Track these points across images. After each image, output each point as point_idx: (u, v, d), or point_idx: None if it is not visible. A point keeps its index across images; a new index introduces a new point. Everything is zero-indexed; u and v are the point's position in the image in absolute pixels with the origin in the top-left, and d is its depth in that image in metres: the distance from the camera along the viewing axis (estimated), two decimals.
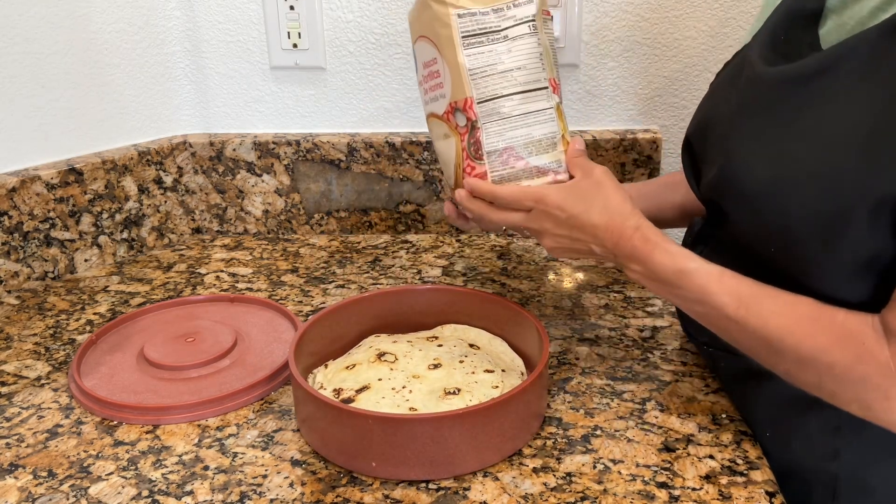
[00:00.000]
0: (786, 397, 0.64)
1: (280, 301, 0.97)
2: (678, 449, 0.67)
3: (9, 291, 0.99)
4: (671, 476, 0.63)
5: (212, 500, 0.62)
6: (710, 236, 0.72)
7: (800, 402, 0.63)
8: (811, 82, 0.58)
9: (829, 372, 0.56)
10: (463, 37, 0.71)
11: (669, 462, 0.65)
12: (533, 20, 0.72)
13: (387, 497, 0.62)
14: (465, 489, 0.62)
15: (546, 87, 0.73)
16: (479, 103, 0.72)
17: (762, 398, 0.68)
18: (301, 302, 0.97)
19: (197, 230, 1.20)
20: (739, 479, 0.63)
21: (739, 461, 0.65)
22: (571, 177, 0.72)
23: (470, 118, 0.72)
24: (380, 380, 0.70)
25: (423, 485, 0.63)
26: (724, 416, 0.71)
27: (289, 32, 1.12)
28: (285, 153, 1.15)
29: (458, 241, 1.15)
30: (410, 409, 0.66)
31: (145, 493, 0.63)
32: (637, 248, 0.66)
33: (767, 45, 0.66)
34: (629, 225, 0.66)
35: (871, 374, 0.54)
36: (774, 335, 0.58)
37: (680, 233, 1.21)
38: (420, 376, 0.71)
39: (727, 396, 0.74)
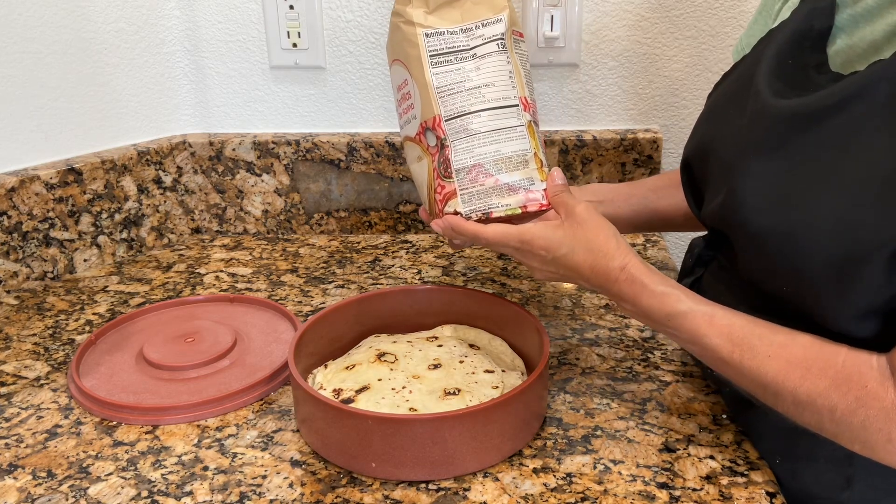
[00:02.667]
0: (794, 424, 0.61)
1: (280, 301, 0.97)
2: (679, 449, 0.67)
3: (8, 291, 0.99)
4: (672, 476, 0.63)
5: (211, 501, 0.62)
6: (712, 259, 0.71)
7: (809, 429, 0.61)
8: (825, 120, 0.55)
9: (830, 415, 0.54)
10: (431, 55, 0.71)
11: (670, 462, 0.65)
12: (502, 38, 0.71)
13: (386, 498, 0.62)
14: (465, 490, 0.62)
15: (516, 105, 0.72)
16: (447, 120, 0.71)
17: (770, 425, 0.65)
18: (301, 302, 0.97)
19: (196, 230, 1.20)
20: (740, 480, 0.63)
21: (740, 461, 0.65)
22: (549, 205, 0.71)
23: (439, 136, 0.72)
24: (379, 380, 0.70)
25: (423, 485, 0.63)
26: (724, 416, 0.71)
27: (288, 32, 1.12)
28: (285, 153, 1.15)
29: None
30: (410, 409, 0.66)
31: (144, 493, 0.63)
32: (624, 292, 0.65)
33: (774, 70, 0.63)
34: (614, 266, 0.65)
35: (874, 418, 0.52)
36: (770, 379, 0.57)
37: (679, 240, 1.22)
38: (420, 376, 0.71)
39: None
